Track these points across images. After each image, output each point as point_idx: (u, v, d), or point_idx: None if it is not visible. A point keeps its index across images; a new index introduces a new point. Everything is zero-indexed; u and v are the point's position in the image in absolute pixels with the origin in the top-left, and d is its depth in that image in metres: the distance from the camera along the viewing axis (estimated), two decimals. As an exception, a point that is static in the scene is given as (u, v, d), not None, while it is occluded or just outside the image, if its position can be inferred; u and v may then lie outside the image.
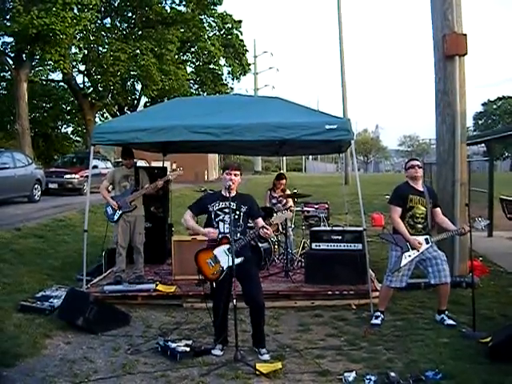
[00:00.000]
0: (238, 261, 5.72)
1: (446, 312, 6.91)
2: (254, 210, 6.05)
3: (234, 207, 5.88)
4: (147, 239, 9.01)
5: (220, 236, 5.89)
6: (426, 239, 6.75)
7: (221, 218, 5.93)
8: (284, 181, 10.54)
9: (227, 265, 5.76)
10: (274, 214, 6.39)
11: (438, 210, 6.97)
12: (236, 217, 5.89)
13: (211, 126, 7.71)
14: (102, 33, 32.43)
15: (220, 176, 7.48)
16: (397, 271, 6.77)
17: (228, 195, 5.86)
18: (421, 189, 6.88)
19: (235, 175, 5.94)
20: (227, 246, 5.79)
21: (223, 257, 5.81)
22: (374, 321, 6.93)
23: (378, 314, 7.02)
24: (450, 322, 6.74)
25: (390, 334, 6.54)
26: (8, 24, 24.11)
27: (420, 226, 6.80)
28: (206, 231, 5.97)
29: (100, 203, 11.07)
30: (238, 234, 5.89)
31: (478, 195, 14.51)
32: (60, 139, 40.65)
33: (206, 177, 39.96)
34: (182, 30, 35.12)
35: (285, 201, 10.36)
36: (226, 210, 5.87)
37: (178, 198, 18.31)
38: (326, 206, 11.43)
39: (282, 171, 22.52)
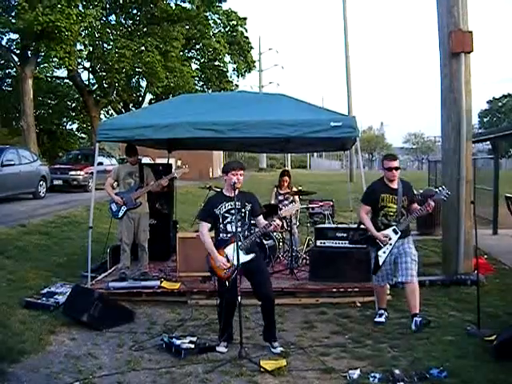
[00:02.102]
0: (249, 257, 5.81)
1: (418, 315, 6.47)
2: (256, 207, 6.10)
3: (240, 206, 5.90)
4: (152, 236, 9.01)
5: (229, 235, 5.92)
6: (394, 229, 6.59)
7: (228, 219, 5.94)
8: (286, 177, 10.50)
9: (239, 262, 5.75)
10: (283, 208, 6.30)
11: (414, 205, 6.78)
12: (242, 215, 5.94)
13: (216, 122, 7.71)
14: (107, 30, 32.40)
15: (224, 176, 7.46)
16: (378, 271, 6.73)
17: (232, 195, 5.87)
18: (395, 186, 6.69)
19: (241, 175, 5.98)
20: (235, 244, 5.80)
21: (234, 255, 5.81)
22: (377, 319, 6.88)
23: (382, 311, 6.99)
24: (420, 318, 6.39)
25: (395, 331, 6.53)
26: (13, 21, 24.18)
27: (394, 223, 6.64)
28: (220, 260, 5.85)
29: (105, 200, 11.07)
30: (246, 232, 5.94)
31: (483, 193, 14.49)
32: (65, 136, 40.70)
33: (210, 174, 39.93)
34: (187, 27, 35.12)
35: (291, 198, 10.34)
36: (233, 211, 5.89)
37: (183, 194, 18.33)
38: (331, 203, 11.40)
39: (286, 168, 22.59)
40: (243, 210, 5.94)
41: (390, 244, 6.59)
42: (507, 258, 10.44)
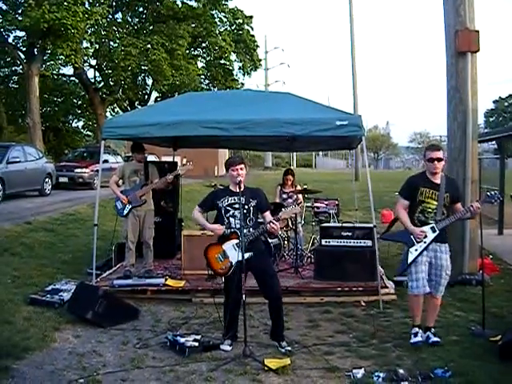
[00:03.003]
0: (246, 256, 5.72)
1: (433, 330, 6.16)
2: (263, 203, 6.05)
3: (243, 202, 5.87)
4: (157, 234, 9.01)
5: (230, 231, 5.91)
6: (432, 227, 5.97)
7: (231, 213, 5.93)
8: (290, 176, 10.45)
9: (236, 260, 5.79)
10: (283, 209, 6.35)
11: (458, 205, 6.14)
12: (245, 211, 5.89)
13: (222, 121, 7.71)
14: (114, 27, 32.46)
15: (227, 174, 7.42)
16: (406, 270, 6.17)
17: (237, 190, 5.86)
18: (437, 181, 6.03)
19: (241, 169, 5.93)
20: (236, 241, 5.81)
21: (232, 252, 5.83)
22: (413, 339, 6.07)
23: (416, 330, 6.16)
24: (436, 339, 6.05)
25: (399, 331, 6.52)
26: (20, 18, 24.19)
27: (433, 222, 6.01)
28: (212, 227, 6.06)
29: (110, 197, 11.09)
30: (250, 229, 5.89)
31: (489, 193, 14.41)
32: (71, 133, 40.73)
33: (215, 172, 39.92)
34: (194, 25, 35.11)
35: (295, 196, 10.33)
36: (236, 206, 5.87)
37: (188, 192, 18.31)
38: (336, 202, 11.39)
39: (291, 167, 22.49)
40: (246, 207, 5.90)
41: (425, 242, 5.98)
42: (512, 258, 10.41)
